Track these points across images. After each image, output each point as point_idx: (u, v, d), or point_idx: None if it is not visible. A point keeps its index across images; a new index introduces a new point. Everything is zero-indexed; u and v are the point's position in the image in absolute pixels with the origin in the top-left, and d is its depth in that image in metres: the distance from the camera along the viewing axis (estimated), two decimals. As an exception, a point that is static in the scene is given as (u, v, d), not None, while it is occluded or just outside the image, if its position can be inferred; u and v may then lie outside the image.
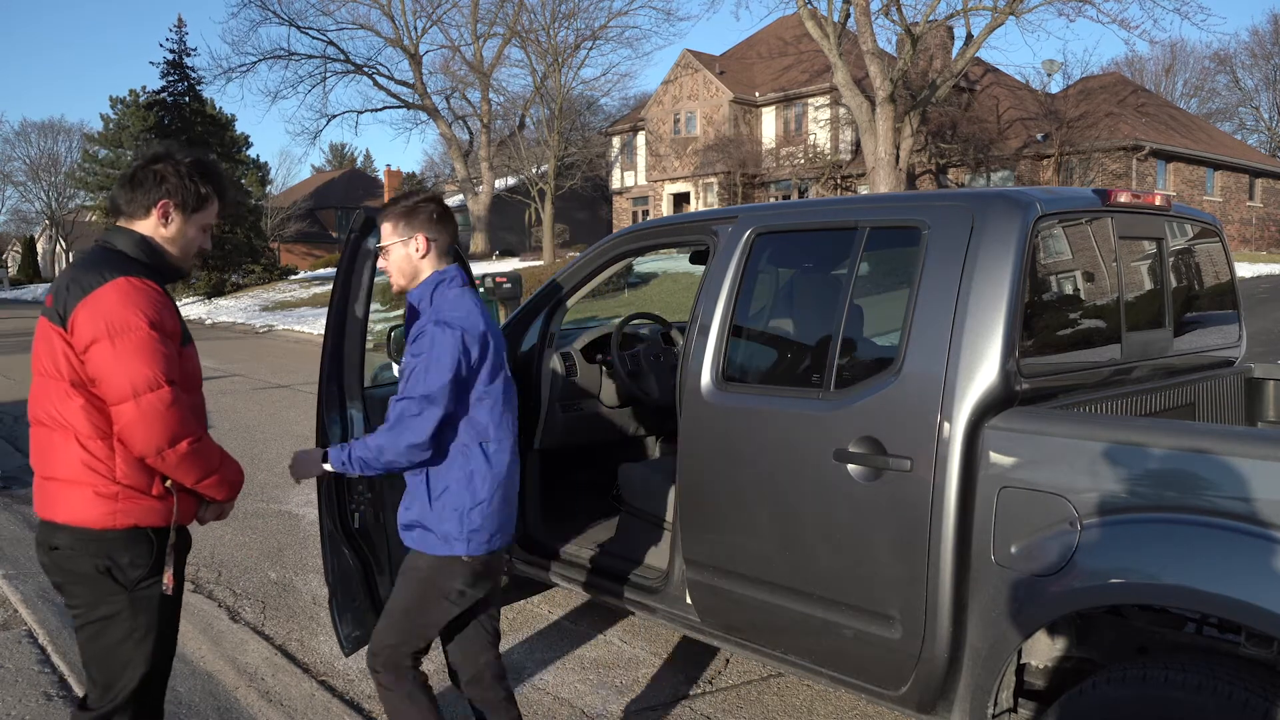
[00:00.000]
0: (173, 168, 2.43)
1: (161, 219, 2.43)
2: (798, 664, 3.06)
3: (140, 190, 2.41)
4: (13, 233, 72.50)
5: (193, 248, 2.53)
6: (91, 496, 2.29)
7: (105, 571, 2.33)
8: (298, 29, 37.90)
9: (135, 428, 2.23)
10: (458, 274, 2.74)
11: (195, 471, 2.36)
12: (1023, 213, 2.69)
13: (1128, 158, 28.03)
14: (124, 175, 2.44)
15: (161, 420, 2.24)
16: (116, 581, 2.34)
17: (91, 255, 2.39)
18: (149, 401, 2.23)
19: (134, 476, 2.31)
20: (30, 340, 2.50)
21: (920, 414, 2.65)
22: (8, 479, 7.44)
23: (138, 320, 2.25)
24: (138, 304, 2.27)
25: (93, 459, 2.29)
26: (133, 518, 2.32)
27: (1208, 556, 2.16)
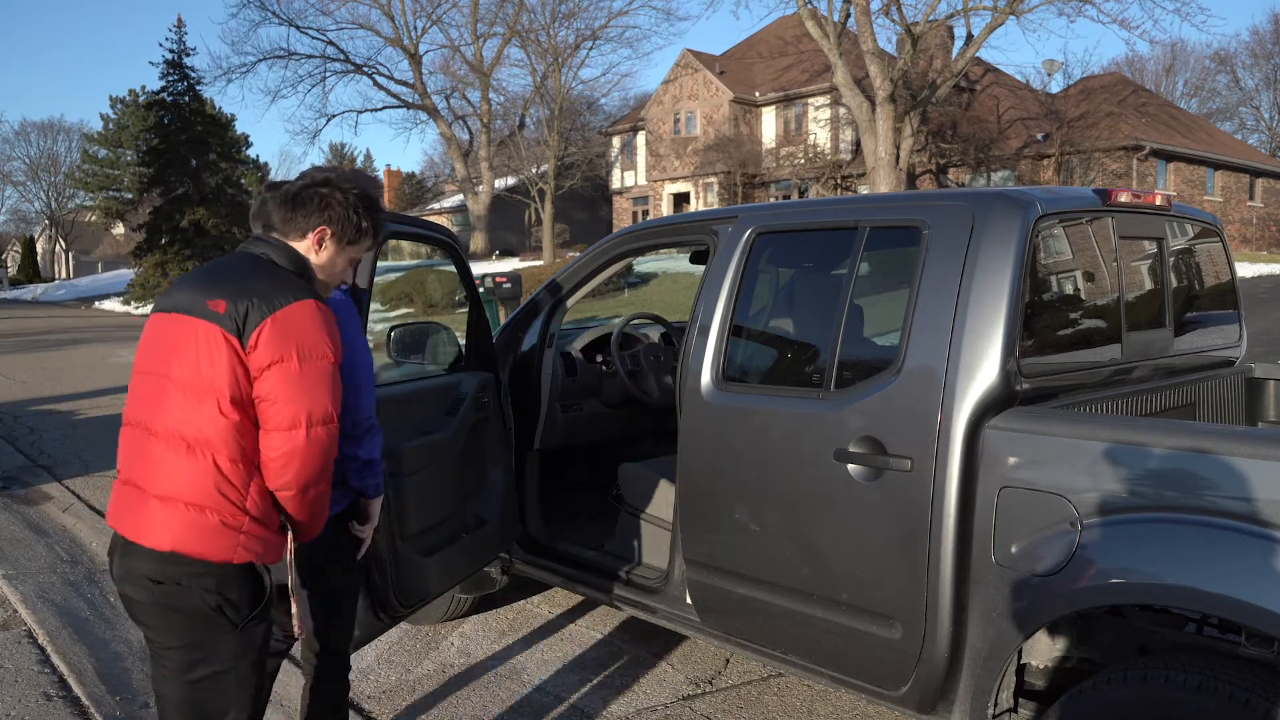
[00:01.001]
0: (340, 195, 2.32)
1: (316, 245, 2.32)
2: (798, 664, 3.06)
3: (301, 211, 2.29)
4: (12, 233, 72.48)
5: (337, 280, 2.42)
6: (217, 525, 2.08)
7: (217, 609, 2.12)
8: (297, 29, 37.94)
9: (295, 458, 2.09)
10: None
11: (319, 513, 2.25)
12: (1023, 212, 2.69)
13: (1128, 157, 28.03)
14: (286, 190, 2.32)
15: (324, 455, 2.14)
16: (227, 619, 2.14)
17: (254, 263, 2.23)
18: (318, 434, 2.12)
19: (262, 508, 2.14)
20: (29, 340, 2.49)
21: (920, 414, 2.65)
22: (8, 479, 7.44)
23: (326, 348, 2.15)
24: (328, 330, 2.16)
25: (228, 484, 2.08)
26: (252, 553, 2.13)
27: (1208, 556, 2.16)
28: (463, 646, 4.24)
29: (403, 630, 4.42)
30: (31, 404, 11.32)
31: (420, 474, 3.36)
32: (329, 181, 2.34)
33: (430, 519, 3.46)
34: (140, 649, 4.20)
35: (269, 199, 2.33)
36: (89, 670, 3.97)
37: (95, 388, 12.71)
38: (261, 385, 2.08)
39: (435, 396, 3.66)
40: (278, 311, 2.09)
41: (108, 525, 2.22)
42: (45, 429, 9.60)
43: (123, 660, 4.10)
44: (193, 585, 2.09)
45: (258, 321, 2.07)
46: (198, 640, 2.15)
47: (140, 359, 2.21)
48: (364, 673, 3.99)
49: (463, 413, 3.67)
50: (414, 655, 4.17)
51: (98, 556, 5.50)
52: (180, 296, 2.18)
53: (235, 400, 2.07)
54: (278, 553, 2.20)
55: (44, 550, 5.61)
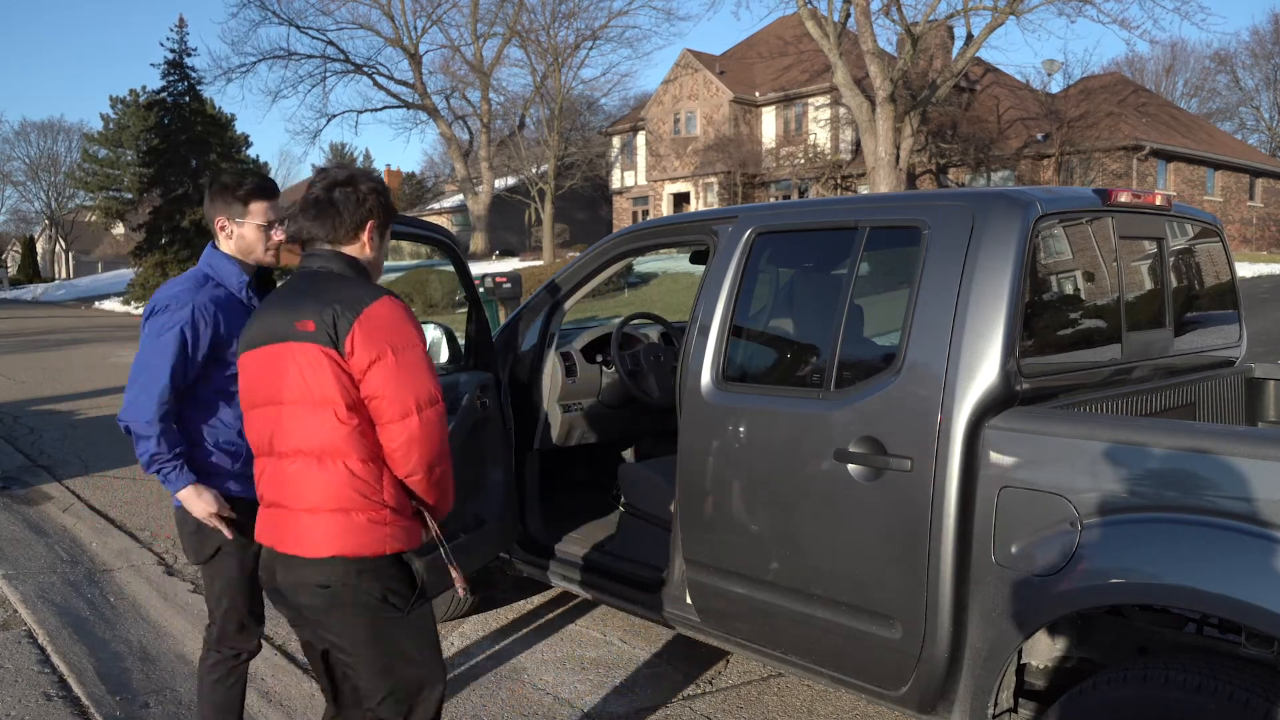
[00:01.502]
0: (367, 185, 2.37)
1: (369, 241, 2.38)
2: (798, 664, 3.06)
3: (347, 213, 2.33)
4: (12, 233, 72.49)
5: (380, 272, 2.49)
6: (365, 524, 2.21)
7: (383, 599, 2.26)
8: (297, 29, 37.94)
9: (415, 443, 2.21)
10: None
11: (447, 492, 2.35)
12: (1023, 212, 2.69)
13: (1128, 157, 28.04)
14: (318, 201, 2.34)
15: (439, 434, 2.25)
16: (394, 606, 2.28)
17: (321, 278, 2.30)
18: (429, 416, 2.22)
19: (398, 499, 2.27)
20: (29, 340, 2.52)
21: (920, 414, 2.65)
22: (8, 479, 7.44)
23: (415, 336, 2.25)
24: (410, 320, 2.26)
25: (365, 484, 2.21)
26: (400, 542, 2.27)
27: (1208, 556, 2.16)
28: (463, 646, 4.24)
29: (403, 630, 4.42)
30: (31, 404, 11.32)
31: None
32: (351, 179, 2.37)
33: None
34: (140, 649, 4.21)
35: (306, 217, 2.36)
36: (89, 670, 3.97)
37: (95, 388, 12.71)
38: (367, 385, 2.19)
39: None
40: (362, 314, 2.19)
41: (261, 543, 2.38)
42: (45, 429, 9.60)
43: (123, 660, 4.10)
44: (358, 583, 2.23)
45: (348, 328, 2.18)
46: (377, 633, 2.28)
47: (246, 397, 2.35)
48: (364, 673, 3.99)
49: (460, 413, 3.66)
50: (414, 655, 4.16)
51: (98, 556, 5.51)
52: (262, 329, 2.30)
53: (349, 406, 2.19)
54: (418, 537, 2.33)
55: (44, 550, 5.61)
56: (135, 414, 2.69)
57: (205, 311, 2.75)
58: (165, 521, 6.27)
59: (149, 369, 2.70)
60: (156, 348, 2.71)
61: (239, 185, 2.86)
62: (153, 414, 2.67)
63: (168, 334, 2.70)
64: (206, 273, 2.86)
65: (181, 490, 2.72)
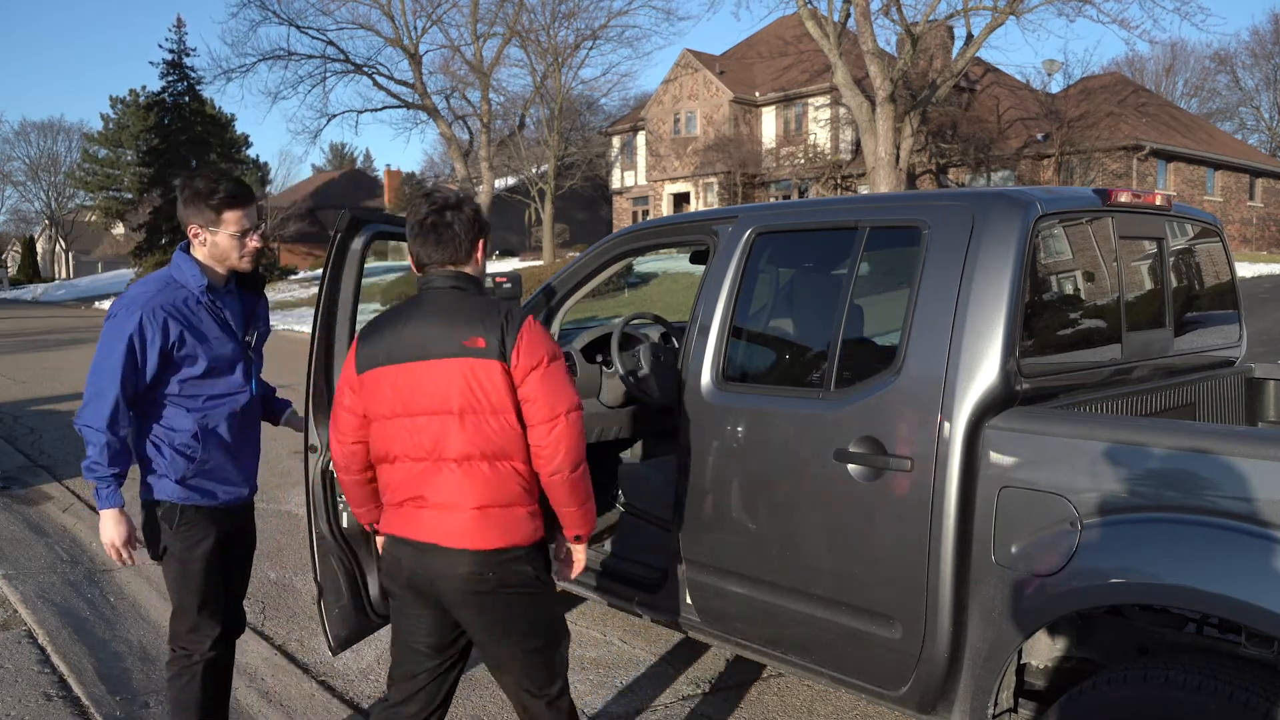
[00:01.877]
0: (474, 207, 2.58)
1: (479, 257, 2.59)
2: (798, 664, 3.06)
3: (464, 234, 2.51)
4: (12, 233, 72.50)
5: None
6: (526, 516, 2.50)
7: (535, 578, 2.53)
8: (297, 29, 37.87)
9: (562, 442, 2.44)
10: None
11: (586, 492, 2.57)
12: (1023, 212, 2.69)
13: (1128, 157, 28.03)
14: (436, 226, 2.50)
15: (581, 436, 2.49)
16: (542, 583, 2.57)
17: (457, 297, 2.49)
18: (574, 418, 2.47)
19: (538, 495, 2.55)
20: (29, 340, 2.53)
21: (920, 414, 2.65)
22: (8, 479, 7.44)
23: (558, 349, 2.52)
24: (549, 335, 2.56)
25: (526, 482, 2.49)
26: (541, 531, 2.56)
27: (1208, 556, 2.16)
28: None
29: (403, 630, 4.42)
30: (31, 404, 11.32)
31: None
32: (459, 202, 2.56)
33: None
34: (140, 649, 4.21)
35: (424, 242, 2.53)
36: (89, 670, 3.97)
37: (95, 388, 12.70)
38: (525, 390, 2.43)
39: None
40: (522, 328, 2.44)
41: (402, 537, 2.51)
42: (45, 429, 9.60)
43: (123, 660, 4.10)
44: (516, 568, 2.49)
45: (514, 341, 2.42)
46: (533, 609, 2.55)
47: (384, 408, 2.48)
48: (364, 673, 3.99)
49: None
50: (414, 655, 4.16)
51: (98, 556, 5.51)
52: (411, 346, 2.45)
53: (517, 413, 2.44)
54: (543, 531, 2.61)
55: (44, 550, 5.61)
56: (87, 417, 2.71)
57: (154, 318, 2.72)
58: (165, 521, 6.27)
59: (102, 375, 2.71)
60: (108, 354, 2.72)
61: (212, 193, 2.80)
62: (103, 422, 2.68)
63: (118, 343, 2.71)
64: (172, 275, 2.84)
65: (107, 509, 2.76)
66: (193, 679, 2.92)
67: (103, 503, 2.75)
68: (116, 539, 2.77)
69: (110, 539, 2.78)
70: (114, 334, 2.72)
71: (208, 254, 2.85)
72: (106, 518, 2.77)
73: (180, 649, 2.93)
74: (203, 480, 2.85)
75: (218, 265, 2.86)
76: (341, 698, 3.76)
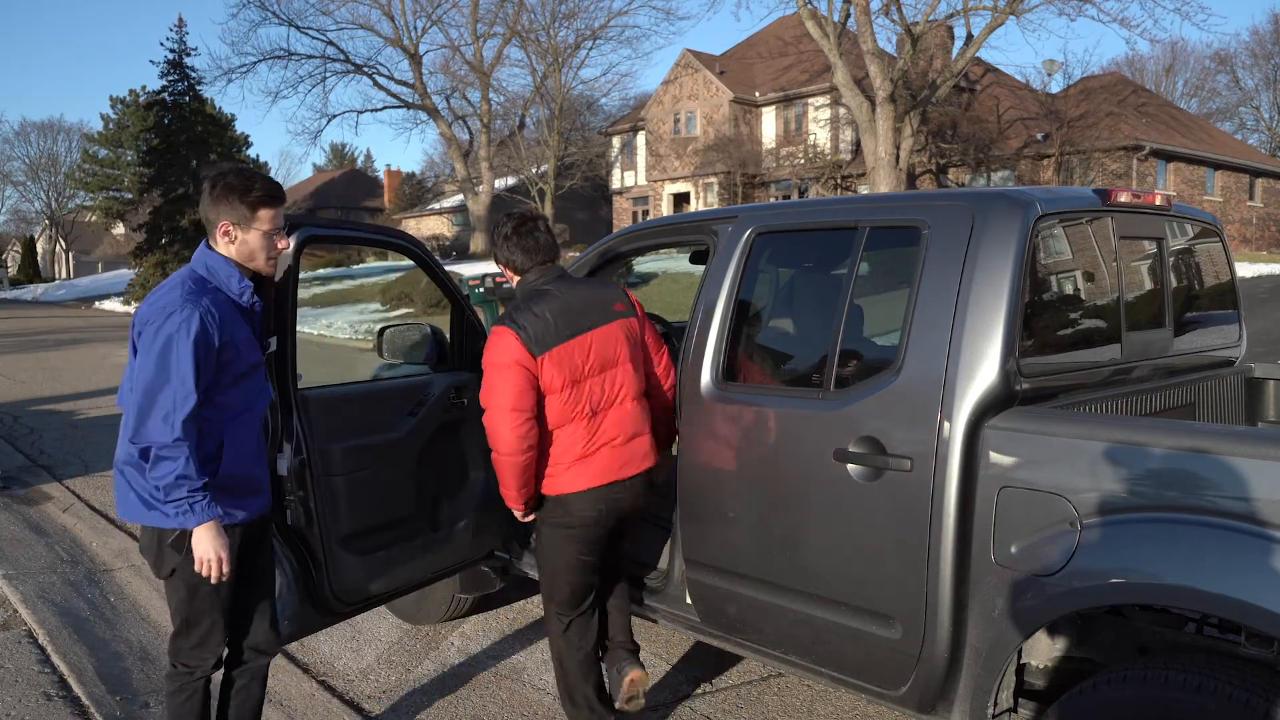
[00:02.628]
0: (546, 218, 3.32)
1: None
2: (798, 664, 3.06)
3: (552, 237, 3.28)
4: (12, 233, 72.51)
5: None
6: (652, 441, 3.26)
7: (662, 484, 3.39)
8: (297, 29, 37.94)
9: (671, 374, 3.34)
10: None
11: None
12: (1023, 212, 2.69)
13: (1128, 157, 28.03)
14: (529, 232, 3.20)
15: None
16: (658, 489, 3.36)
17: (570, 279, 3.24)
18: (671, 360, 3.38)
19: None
20: (29, 340, 2.52)
21: (920, 414, 2.65)
22: (8, 479, 7.44)
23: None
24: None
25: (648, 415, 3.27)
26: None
27: (1208, 556, 2.16)
28: (463, 646, 4.24)
29: (403, 630, 4.42)
30: (31, 404, 11.32)
31: (356, 475, 3.36)
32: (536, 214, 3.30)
33: (372, 520, 3.43)
34: (140, 649, 4.21)
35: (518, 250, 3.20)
36: (89, 670, 3.97)
37: (95, 388, 12.71)
38: (648, 335, 3.30)
39: (398, 396, 3.66)
40: (630, 294, 3.28)
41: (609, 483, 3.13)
42: (45, 429, 9.60)
43: (123, 660, 4.10)
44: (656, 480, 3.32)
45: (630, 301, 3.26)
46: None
47: (572, 375, 3.05)
48: (364, 673, 3.99)
49: (425, 412, 3.65)
50: (414, 655, 4.17)
51: (98, 556, 5.51)
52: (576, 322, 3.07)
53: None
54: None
55: (44, 550, 5.61)
56: (158, 433, 2.47)
57: (211, 318, 2.56)
58: (165, 521, 6.27)
59: (168, 382, 2.48)
60: (170, 359, 2.49)
61: (247, 189, 2.67)
62: (180, 432, 2.47)
63: (181, 346, 2.49)
64: (203, 276, 2.67)
65: (205, 523, 2.54)
66: (193, 695, 2.79)
67: (199, 516, 2.52)
68: (220, 553, 2.57)
69: (210, 554, 2.56)
70: (172, 338, 2.50)
71: (236, 253, 2.70)
72: (205, 532, 2.55)
73: (182, 665, 2.78)
74: (220, 497, 2.62)
75: (244, 265, 2.72)
76: (342, 698, 3.76)
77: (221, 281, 2.69)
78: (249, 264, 2.74)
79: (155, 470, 2.50)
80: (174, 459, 2.48)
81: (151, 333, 2.54)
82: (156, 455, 2.49)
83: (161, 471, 2.49)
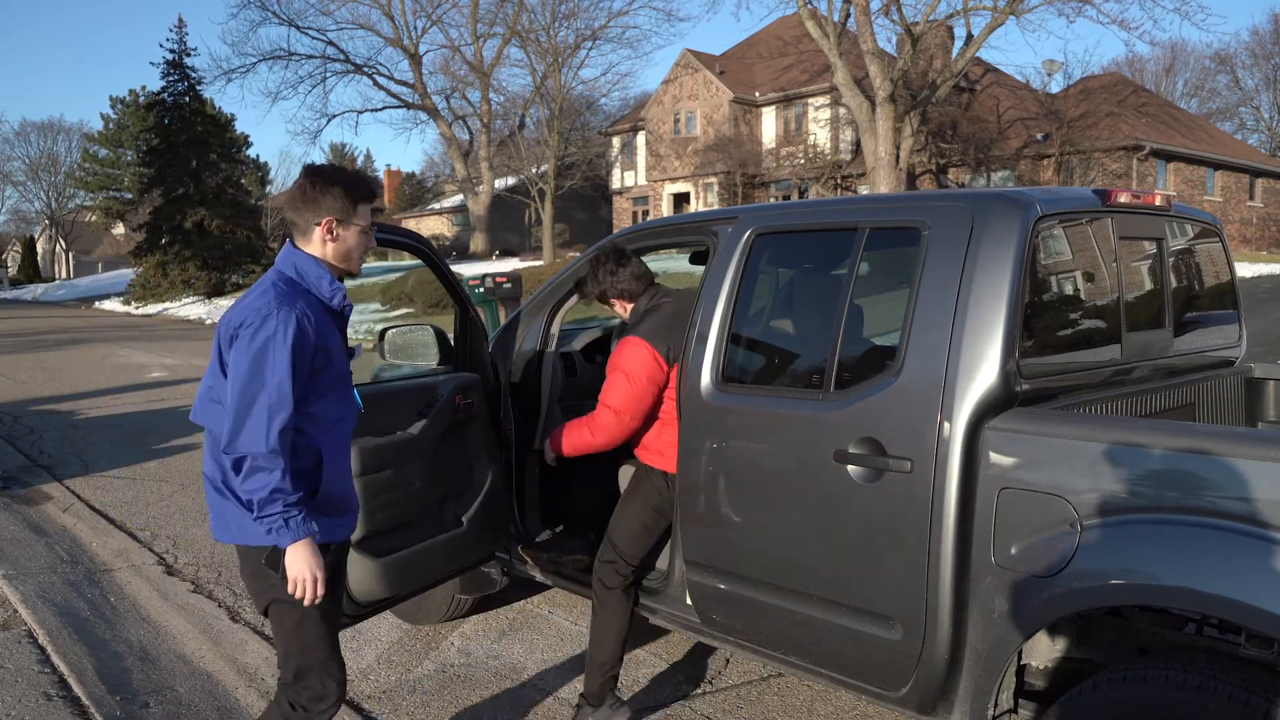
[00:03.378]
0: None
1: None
2: (798, 665, 3.06)
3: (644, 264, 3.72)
4: (12, 233, 72.53)
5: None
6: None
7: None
8: (297, 29, 37.96)
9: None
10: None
11: None
12: (1023, 213, 2.69)
13: (1128, 157, 28.03)
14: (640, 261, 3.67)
15: None
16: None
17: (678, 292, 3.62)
18: None
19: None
20: (29, 340, 2.51)
21: (920, 415, 2.65)
22: (8, 479, 7.44)
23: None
24: None
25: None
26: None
27: (1208, 557, 2.16)
28: (463, 646, 4.24)
29: (403, 630, 4.42)
30: (31, 404, 11.32)
31: (372, 477, 3.33)
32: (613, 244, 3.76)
33: (386, 522, 3.41)
34: (140, 649, 4.21)
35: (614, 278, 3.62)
36: (89, 670, 3.97)
37: (95, 388, 12.71)
38: None
39: (406, 398, 3.65)
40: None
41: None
42: (45, 429, 9.61)
43: (123, 660, 4.10)
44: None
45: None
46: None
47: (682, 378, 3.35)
48: (364, 673, 3.99)
49: (434, 414, 3.65)
50: (414, 655, 4.17)
51: (98, 556, 5.51)
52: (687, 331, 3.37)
53: None
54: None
55: (44, 550, 5.61)
56: (253, 442, 2.32)
57: (308, 321, 2.42)
58: (165, 522, 6.27)
59: (263, 388, 2.35)
60: (265, 364, 2.35)
61: (352, 183, 2.53)
62: (275, 441, 2.33)
63: (278, 350, 2.35)
64: (292, 277, 2.51)
65: (301, 540, 2.39)
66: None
67: (294, 532, 2.37)
68: (316, 572, 2.42)
69: (306, 574, 2.40)
70: (269, 342, 2.36)
71: (333, 252, 2.54)
72: (301, 550, 2.39)
73: (301, 709, 2.58)
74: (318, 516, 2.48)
75: (337, 265, 2.57)
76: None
77: (312, 283, 2.53)
78: (342, 264, 2.58)
79: (249, 482, 2.35)
80: (269, 470, 2.34)
81: (247, 336, 2.38)
82: (251, 466, 2.35)
83: (256, 484, 2.34)
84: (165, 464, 8.02)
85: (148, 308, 35.47)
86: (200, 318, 29.86)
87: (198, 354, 17.88)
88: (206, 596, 4.88)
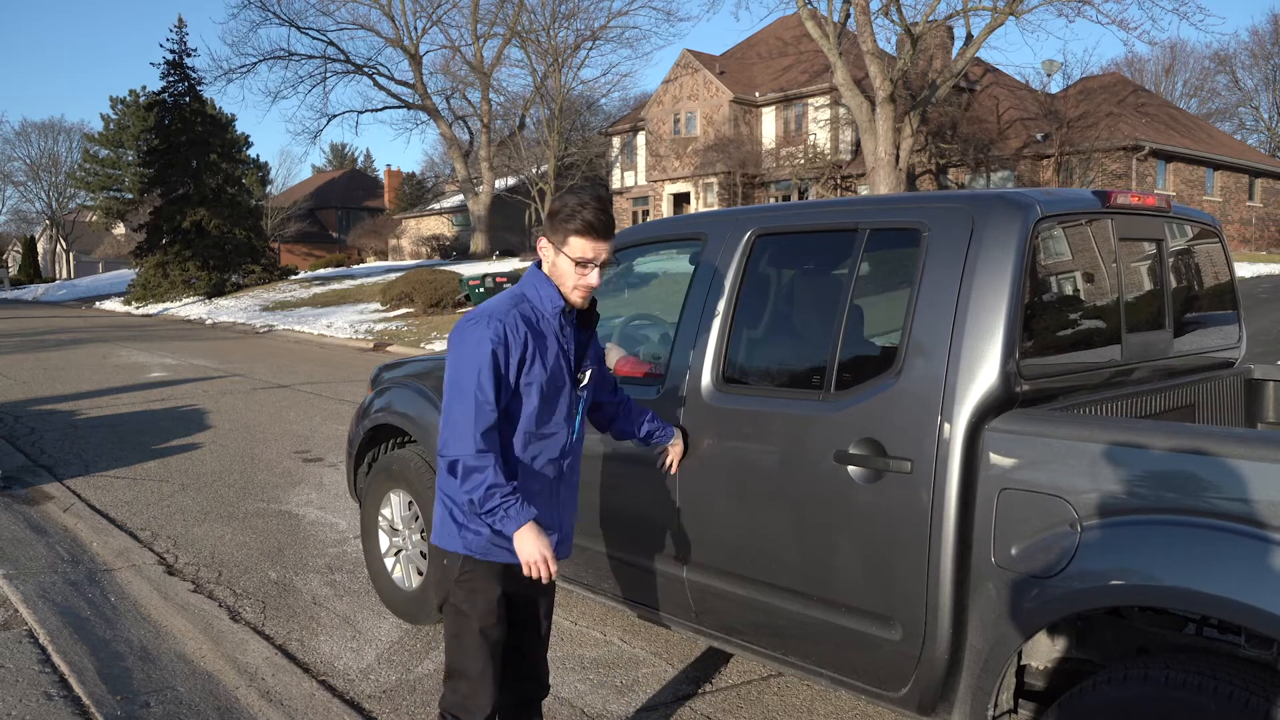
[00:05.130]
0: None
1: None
2: (798, 665, 3.06)
3: None
4: (13, 233, 72.55)
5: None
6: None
7: None
8: (298, 29, 37.98)
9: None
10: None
11: None
12: (1023, 214, 2.69)
13: (1128, 158, 28.04)
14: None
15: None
16: None
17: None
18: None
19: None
20: (30, 340, 2.52)
21: (921, 415, 2.65)
22: (8, 479, 7.44)
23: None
24: None
25: None
26: None
27: (1207, 558, 2.16)
28: (463, 647, 4.24)
29: (403, 630, 4.43)
30: (32, 404, 11.32)
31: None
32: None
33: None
34: (141, 649, 4.21)
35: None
36: (89, 670, 3.97)
37: (95, 388, 12.72)
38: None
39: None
40: None
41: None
42: (45, 429, 9.61)
43: (123, 660, 4.11)
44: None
45: None
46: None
47: None
48: (364, 672, 3.99)
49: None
50: (414, 655, 4.17)
51: (98, 556, 5.51)
52: None
53: None
54: None
55: (44, 550, 5.61)
56: (460, 445, 2.47)
57: (516, 330, 2.53)
58: (165, 522, 6.28)
59: (463, 390, 2.48)
60: (467, 365, 2.50)
61: (571, 215, 2.58)
62: (483, 442, 2.46)
63: (480, 354, 2.48)
64: (523, 291, 2.65)
65: (521, 527, 2.49)
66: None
67: (516, 519, 2.48)
68: (545, 552, 2.51)
69: (535, 555, 2.50)
70: (474, 346, 2.50)
71: (548, 273, 2.66)
72: (527, 533, 2.50)
73: (450, 715, 2.69)
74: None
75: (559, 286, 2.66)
76: (342, 697, 3.76)
77: (536, 300, 2.64)
78: (560, 287, 2.64)
79: (466, 483, 2.48)
80: (482, 469, 2.46)
81: (456, 340, 2.54)
82: (465, 467, 2.47)
83: (473, 484, 2.47)
84: (165, 464, 8.02)
85: (148, 308, 35.50)
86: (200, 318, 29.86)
87: (197, 354, 17.89)
88: (207, 596, 4.88)
